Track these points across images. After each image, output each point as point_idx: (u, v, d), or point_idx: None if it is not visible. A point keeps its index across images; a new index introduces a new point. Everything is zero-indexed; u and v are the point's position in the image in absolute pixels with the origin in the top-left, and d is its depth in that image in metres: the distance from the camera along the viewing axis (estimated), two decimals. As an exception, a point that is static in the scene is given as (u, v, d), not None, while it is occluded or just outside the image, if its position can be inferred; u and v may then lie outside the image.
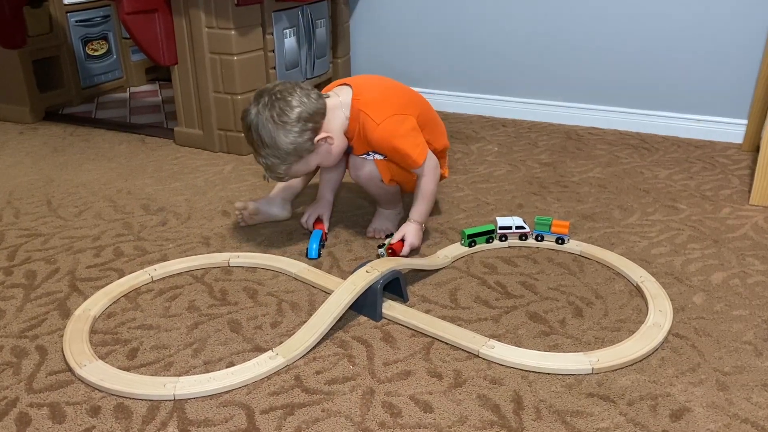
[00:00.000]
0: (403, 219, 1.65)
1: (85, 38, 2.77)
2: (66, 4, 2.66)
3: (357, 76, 1.64)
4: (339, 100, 1.46)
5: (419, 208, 1.51)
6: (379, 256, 1.47)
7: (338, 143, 1.46)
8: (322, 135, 1.41)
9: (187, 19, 2.04)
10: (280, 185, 1.67)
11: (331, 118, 1.43)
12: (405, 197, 1.71)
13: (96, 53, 2.83)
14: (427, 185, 1.50)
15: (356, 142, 1.48)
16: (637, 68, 2.29)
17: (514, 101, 2.52)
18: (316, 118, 1.40)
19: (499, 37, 2.46)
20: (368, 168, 1.52)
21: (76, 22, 2.72)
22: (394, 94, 1.50)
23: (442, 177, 1.60)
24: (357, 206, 1.75)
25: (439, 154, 1.59)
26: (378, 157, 1.50)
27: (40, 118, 2.55)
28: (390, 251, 1.46)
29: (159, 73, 3.09)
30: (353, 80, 1.51)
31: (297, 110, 1.37)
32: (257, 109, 1.39)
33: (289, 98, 1.38)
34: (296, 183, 1.66)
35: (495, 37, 2.47)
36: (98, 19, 2.82)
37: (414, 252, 1.52)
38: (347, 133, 1.47)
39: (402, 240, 1.48)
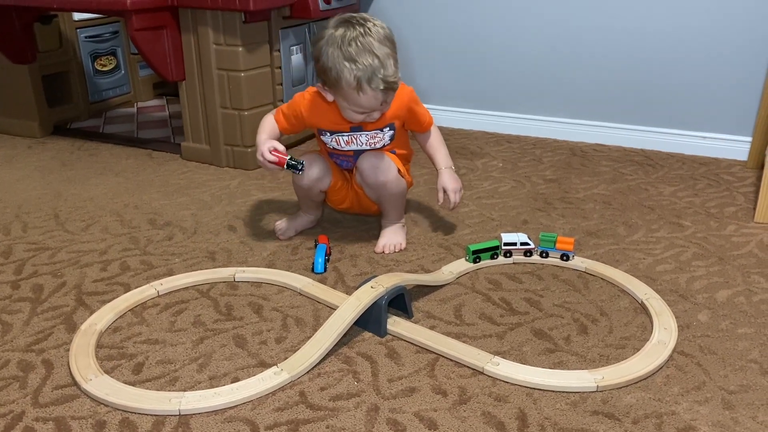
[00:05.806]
0: (407, 231, 1.66)
1: (94, 54, 2.80)
2: (76, 21, 2.69)
3: None
4: None
5: (443, 153, 1.63)
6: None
7: None
8: None
9: (195, 35, 2.06)
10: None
11: None
12: (408, 204, 1.71)
13: (104, 69, 2.86)
14: (439, 134, 1.65)
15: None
16: (642, 85, 2.30)
17: (519, 117, 2.53)
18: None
19: (504, 53, 2.48)
20: (386, 164, 1.54)
21: (86, 37, 2.75)
22: None
23: (409, 185, 1.65)
24: (362, 221, 1.76)
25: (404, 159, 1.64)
26: (388, 135, 1.55)
27: (48, 132, 2.57)
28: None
29: (166, 88, 3.12)
30: None
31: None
32: (361, 29, 1.37)
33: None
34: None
35: (500, 53, 2.48)
36: (107, 35, 2.85)
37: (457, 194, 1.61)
38: None
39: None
